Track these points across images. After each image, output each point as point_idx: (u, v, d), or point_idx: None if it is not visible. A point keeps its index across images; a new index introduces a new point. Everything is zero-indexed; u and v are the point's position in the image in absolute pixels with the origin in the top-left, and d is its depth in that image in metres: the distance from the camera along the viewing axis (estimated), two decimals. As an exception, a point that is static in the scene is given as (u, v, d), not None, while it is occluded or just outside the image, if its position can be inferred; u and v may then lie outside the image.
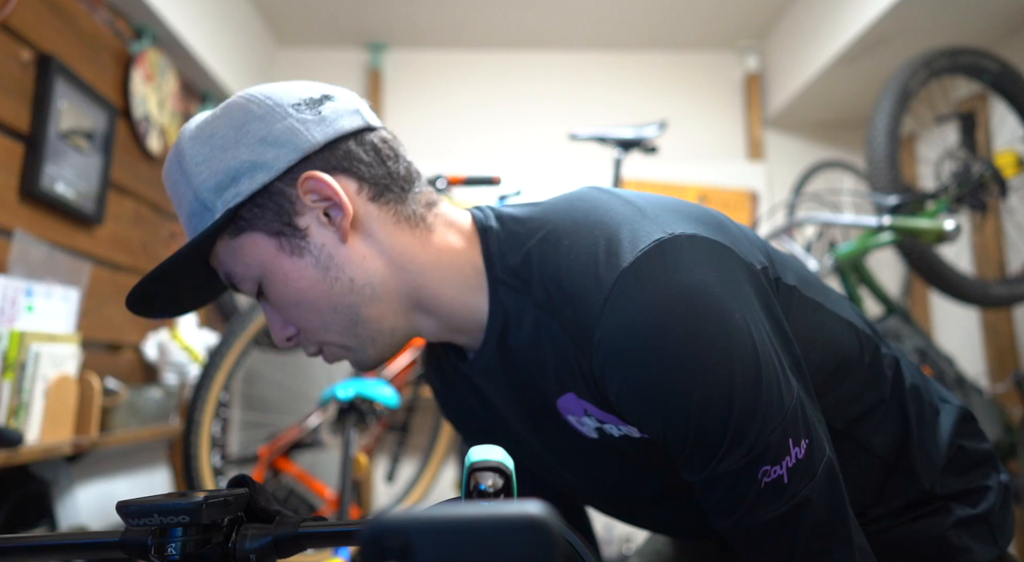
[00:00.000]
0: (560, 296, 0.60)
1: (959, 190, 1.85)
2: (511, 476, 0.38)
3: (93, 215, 1.87)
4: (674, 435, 0.56)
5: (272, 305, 0.67)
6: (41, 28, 1.69)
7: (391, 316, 0.67)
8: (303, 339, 0.69)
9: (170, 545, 0.37)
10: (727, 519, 0.58)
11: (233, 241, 0.64)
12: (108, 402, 1.71)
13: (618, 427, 0.63)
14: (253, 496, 0.42)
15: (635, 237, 0.57)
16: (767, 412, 0.55)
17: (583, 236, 0.60)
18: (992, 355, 2.46)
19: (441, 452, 2.34)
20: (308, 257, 0.64)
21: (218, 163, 0.62)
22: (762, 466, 0.55)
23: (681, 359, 0.54)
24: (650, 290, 0.54)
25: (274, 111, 0.63)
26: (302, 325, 0.67)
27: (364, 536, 0.23)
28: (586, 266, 0.58)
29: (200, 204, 0.63)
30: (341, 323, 0.66)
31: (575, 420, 0.66)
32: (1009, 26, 2.37)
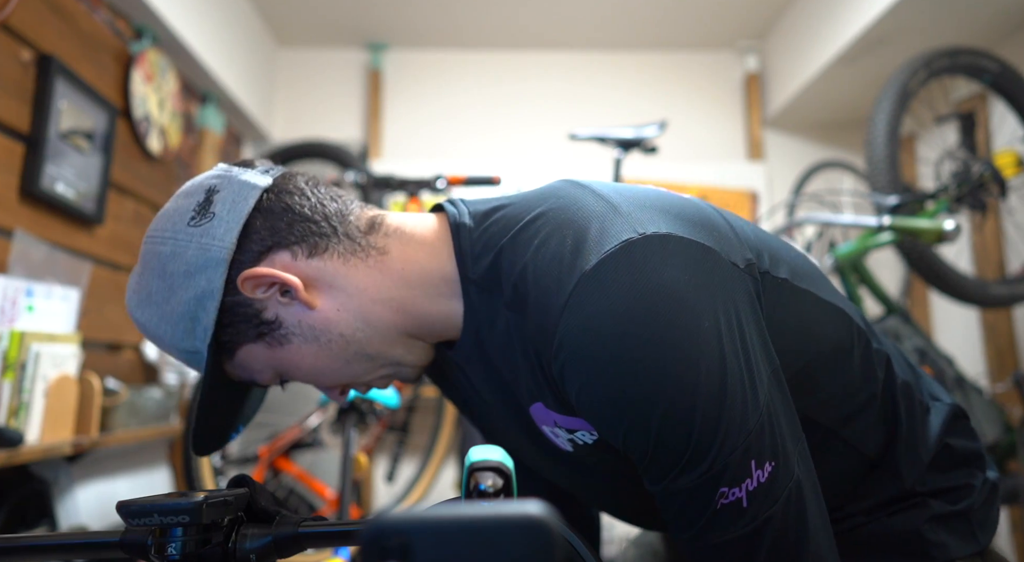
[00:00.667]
0: (526, 297, 0.58)
1: (959, 190, 1.85)
2: (511, 476, 0.38)
3: (93, 215, 1.87)
4: (634, 444, 0.54)
5: (297, 381, 0.70)
6: (41, 28, 1.69)
7: (396, 340, 0.68)
8: (349, 390, 0.72)
9: (170, 545, 0.37)
10: (683, 533, 0.57)
11: (233, 360, 0.66)
12: (108, 402, 1.71)
13: (590, 433, 0.62)
14: (253, 496, 0.42)
15: (602, 236, 0.55)
16: (728, 430, 0.52)
17: (552, 234, 0.58)
18: (992, 355, 2.46)
19: (441, 452, 2.34)
20: (295, 339, 0.65)
21: (170, 316, 0.63)
22: (720, 487, 0.53)
23: (643, 366, 0.51)
24: (612, 293, 0.52)
25: (177, 240, 0.62)
26: (337, 383, 0.69)
27: (364, 536, 0.24)
28: (551, 266, 0.56)
29: (187, 353, 0.65)
30: (363, 367, 0.68)
31: (549, 431, 0.66)
32: (1009, 26, 2.37)
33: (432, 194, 1.86)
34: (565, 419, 0.62)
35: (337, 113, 3.21)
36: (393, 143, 3.18)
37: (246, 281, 0.62)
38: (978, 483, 0.68)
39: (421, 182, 1.85)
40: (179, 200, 0.65)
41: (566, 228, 0.58)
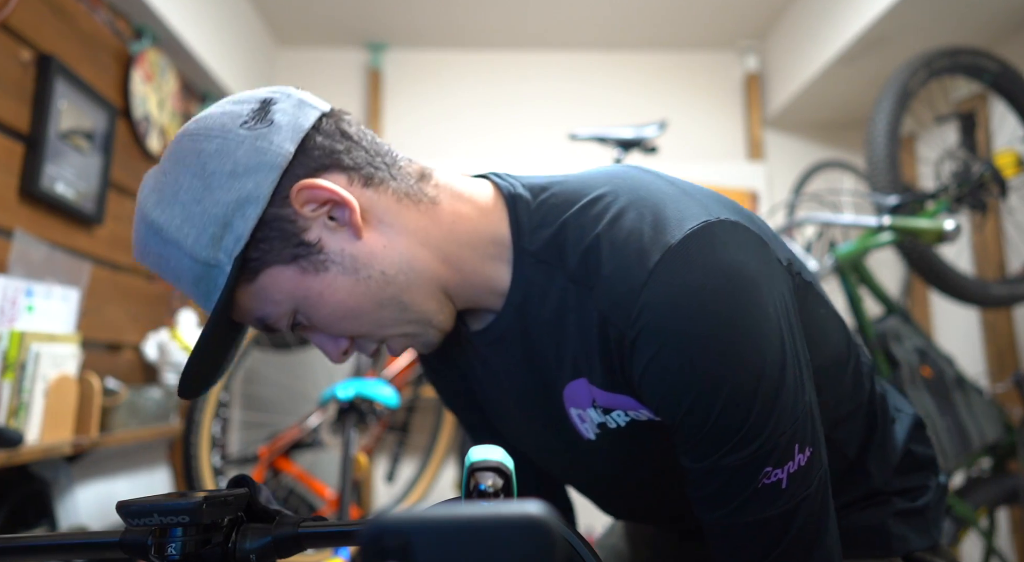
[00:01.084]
0: (599, 268, 0.58)
1: (959, 190, 1.85)
2: (511, 476, 0.38)
3: (93, 215, 1.87)
4: (692, 419, 0.55)
5: (316, 328, 0.64)
6: (41, 28, 1.69)
7: (432, 294, 0.64)
8: (361, 344, 0.66)
9: (170, 545, 0.37)
10: (714, 512, 0.58)
11: (253, 285, 0.60)
12: (108, 402, 1.71)
13: (626, 413, 0.62)
14: (253, 496, 0.42)
15: (682, 216, 0.57)
16: (782, 413, 0.55)
17: (627, 210, 0.59)
18: (992, 355, 2.46)
19: (441, 452, 2.34)
20: (333, 268, 0.60)
21: (199, 217, 0.57)
22: (765, 466, 0.55)
23: (719, 343, 0.54)
24: (697, 269, 0.54)
25: (227, 139, 0.58)
26: (356, 332, 0.64)
27: (364, 536, 0.23)
28: (630, 238, 0.57)
29: (202, 266, 0.58)
30: (392, 316, 0.63)
31: (577, 414, 0.65)
32: (1009, 26, 2.37)
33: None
34: (607, 396, 0.62)
35: (337, 113, 3.20)
36: (393, 143, 3.14)
37: (301, 191, 0.58)
38: (932, 484, 0.75)
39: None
40: (228, 105, 0.61)
41: (641, 205, 0.59)
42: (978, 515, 1.66)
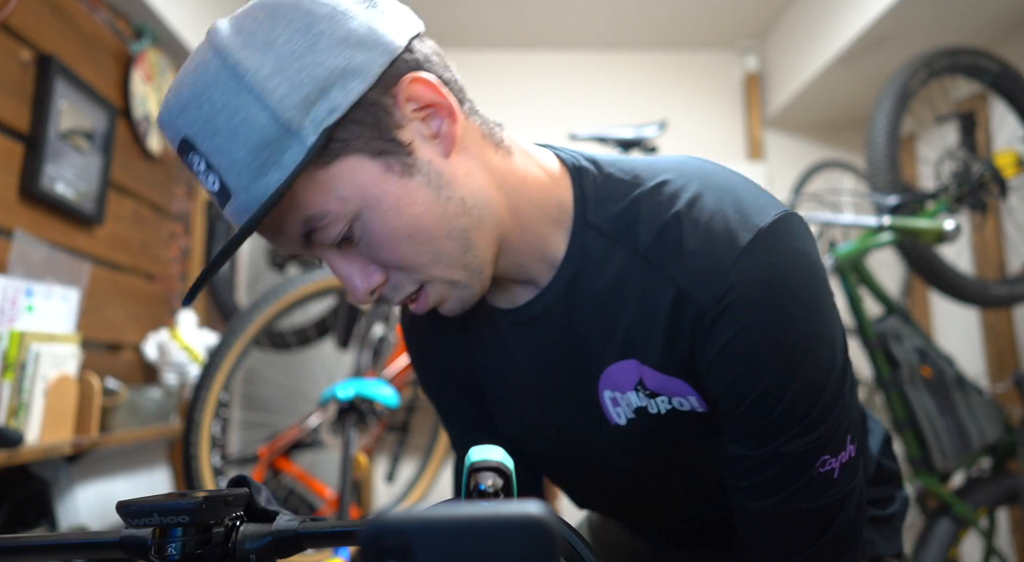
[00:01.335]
0: (679, 245, 0.56)
1: (959, 190, 1.85)
2: (511, 476, 0.39)
3: (93, 215, 1.87)
4: (763, 403, 0.55)
5: (368, 244, 0.56)
6: (41, 28, 1.69)
7: (493, 242, 0.60)
8: (395, 284, 0.59)
9: (170, 545, 0.37)
10: (763, 500, 0.59)
11: (325, 172, 0.52)
12: (108, 402, 1.71)
13: (670, 400, 0.61)
14: (253, 496, 0.42)
15: (762, 203, 0.57)
16: (844, 402, 0.57)
17: (704, 193, 0.58)
18: (992, 355, 2.46)
19: (441, 452, 2.34)
20: (419, 177, 0.55)
21: (294, 73, 0.50)
22: (823, 455, 0.57)
23: (803, 327, 0.55)
24: (787, 254, 0.55)
25: (338, 9, 0.52)
26: (407, 262, 0.57)
27: (364, 536, 0.23)
28: (715, 219, 0.56)
29: (280, 129, 0.50)
30: (453, 252, 0.57)
31: (611, 397, 0.64)
32: (1009, 26, 2.37)
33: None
34: (660, 378, 0.60)
35: (337, 113, 3.21)
36: (393, 143, 3.18)
37: (413, 84, 0.54)
38: (899, 496, 0.79)
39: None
40: None
41: (717, 189, 0.58)
42: (978, 515, 1.66)
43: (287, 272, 2.52)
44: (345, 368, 2.49)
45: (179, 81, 0.53)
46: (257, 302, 1.62)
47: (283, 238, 0.57)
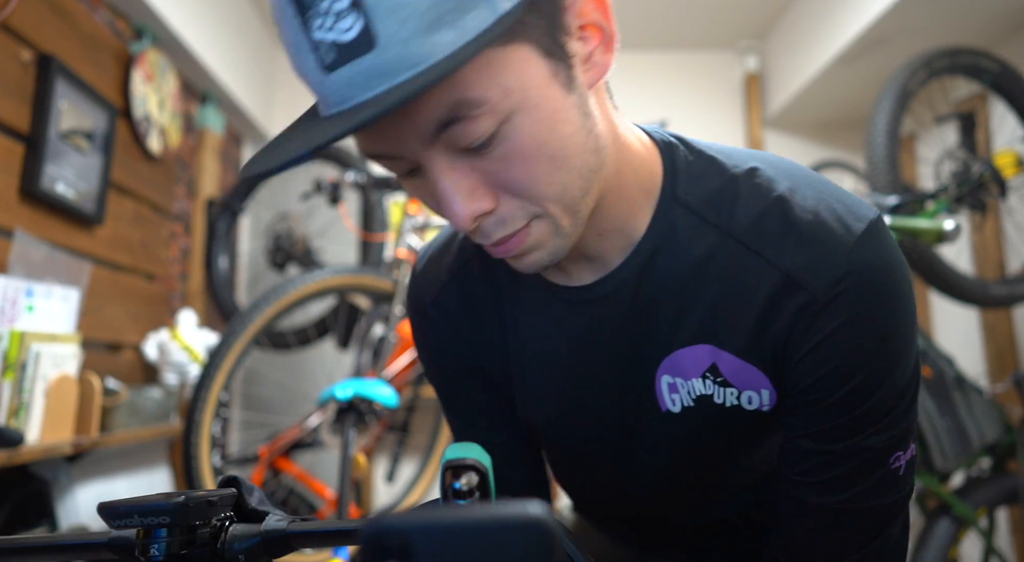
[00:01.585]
0: (787, 230, 0.55)
1: (959, 190, 1.85)
2: (487, 474, 0.38)
3: (93, 215, 1.88)
4: (856, 395, 0.55)
5: (504, 156, 0.48)
6: (41, 28, 1.70)
7: (597, 196, 0.55)
8: (505, 215, 0.51)
9: (153, 546, 0.37)
10: (831, 496, 0.58)
11: (499, 52, 0.45)
12: (108, 402, 1.71)
13: (740, 394, 0.60)
14: (243, 496, 0.42)
15: (859, 200, 0.57)
16: (916, 402, 0.58)
17: (801, 183, 0.57)
18: (992, 355, 2.45)
19: (441, 452, 2.34)
20: (575, 95, 0.49)
21: None
22: (897, 450, 0.57)
23: (903, 320, 0.55)
24: (892, 248, 0.55)
25: None
26: (537, 187, 0.50)
27: (365, 536, 0.24)
28: (822, 207, 0.55)
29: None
30: (576, 191, 0.52)
31: (670, 382, 0.61)
32: (1009, 26, 2.36)
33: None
34: (738, 365, 0.58)
35: (337, 113, 3.21)
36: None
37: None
38: None
39: (420, 182, 1.85)
40: None
41: (813, 179, 0.59)
42: (978, 515, 1.65)
43: (287, 272, 2.53)
44: (345, 368, 2.49)
45: None
46: (257, 302, 1.62)
47: (406, 127, 0.47)
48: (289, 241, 2.49)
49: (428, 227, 1.93)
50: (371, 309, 2.07)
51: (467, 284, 0.70)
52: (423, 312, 0.73)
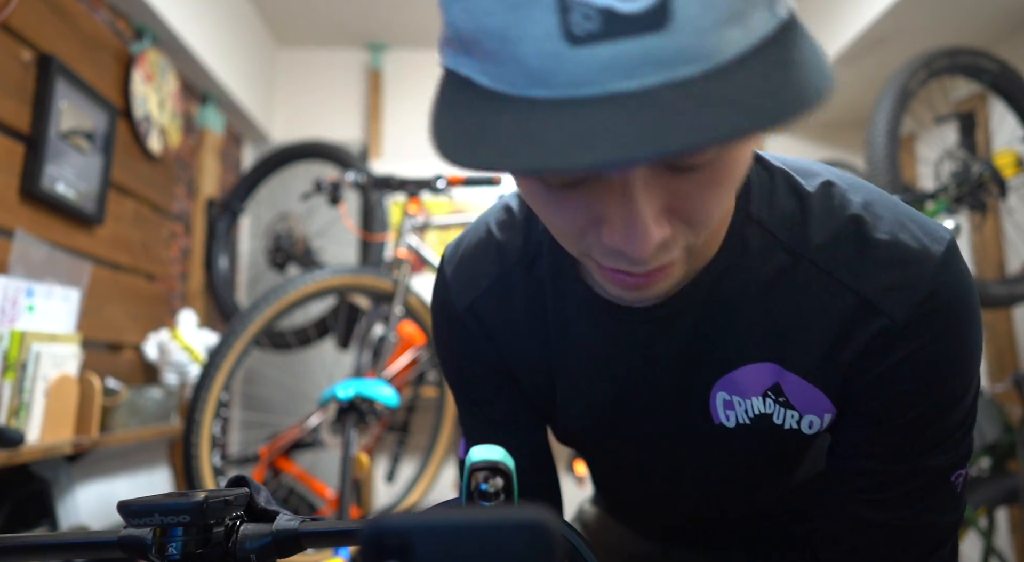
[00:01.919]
0: (860, 252, 0.53)
1: (958, 190, 1.85)
2: (512, 476, 0.38)
3: (93, 215, 1.87)
4: (928, 416, 0.54)
5: (707, 180, 0.43)
6: (42, 28, 1.70)
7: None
8: (669, 243, 0.45)
9: (171, 545, 0.37)
10: (892, 513, 0.58)
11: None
12: (108, 402, 1.71)
13: (801, 419, 0.59)
14: (252, 496, 0.42)
15: (929, 219, 0.56)
16: (975, 423, 0.58)
17: (875, 201, 0.55)
18: (992, 355, 2.46)
19: (441, 452, 2.34)
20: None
21: None
22: (958, 469, 0.57)
23: (977, 342, 0.55)
24: (967, 272, 0.54)
25: None
26: (710, 217, 0.45)
27: (365, 536, 0.24)
28: (899, 229, 0.53)
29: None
30: (723, 220, 0.53)
31: (725, 399, 0.60)
32: (1009, 26, 2.37)
33: (432, 194, 1.86)
34: (801, 386, 0.57)
35: (337, 113, 3.21)
36: (393, 143, 3.18)
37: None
38: None
39: (421, 182, 1.85)
40: None
41: (885, 198, 0.56)
42: (977, 515, 1.66)
43: (287, 272, 2.53)
44: (345, 368, 2.49)
45: None
46: (257, 302, 1.62)
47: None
48: (289, 241, 2.49)
49: (428, 227, 1.93)
50: (371, 309, 2.07)
51: (509, 293, 0.67)
52: (455, 317, 0.69)
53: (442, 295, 0.71)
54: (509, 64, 0.37)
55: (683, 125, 0.33)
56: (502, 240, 0.67)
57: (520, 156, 0.35)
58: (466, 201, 3.00)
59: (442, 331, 0.72)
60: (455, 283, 0.69)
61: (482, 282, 0.67)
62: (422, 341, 2.00)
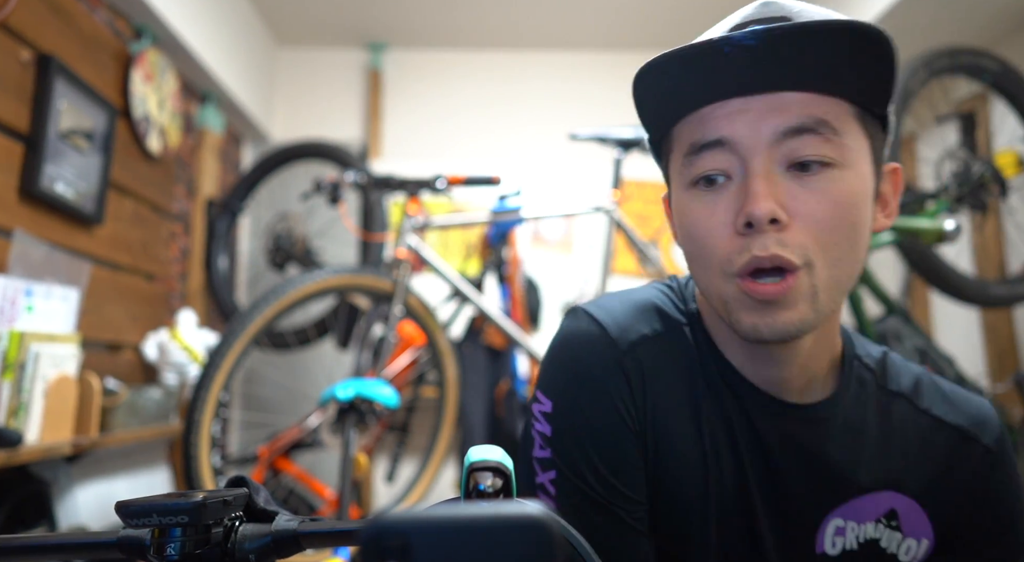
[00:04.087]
0: (937, 394, 0.66)
1: (959, 190, 1.85)
2: (511, 476, 0.38)
3: (93, 215, 1.87)
4: (1007, 540, 0.63)
5: (820, 188, 0.54)
6: (41, 28, 1.69)
7: (837, 315, 0.63)
8: (786, 239, 0.54)
9: (169, 545, 0.37)
10: None
11: (862, 121, 0.57)
12: (108, 402, 1.71)
13: (903, 540, 0.63)
14: (251, 496, 0.42)
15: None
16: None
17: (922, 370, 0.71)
18: (992, 355, 2.46)
19: (441, 452, 2.34)
20: (871, 208, 0.58)
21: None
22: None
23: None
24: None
25: None
26: (824, 234, 0.54)
27: (364, 536, 0.23)
28: (949, 384, 0.69)
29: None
30: (844, 272, 0.56)
31: (838, 526, 0.62)
32: (1009, 26, 2.37)
33: (432, 194, 1.86)
34: (914, 507, 0.63)
35: (337, 113, 3.21)
36: (393, 143, 3.18)
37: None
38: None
39: (421, 182, 1.85)
40: None
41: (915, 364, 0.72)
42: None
43: (287, 272, 2.52)
44: (345, 368, 2.49)
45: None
46: (257, 302, 1.62)
47: (770, 117, 0.54)
48: (289, 241, 2.48)
49: (428, 227, 1.93)
50: (371, 309, 2.07)
51: (672, 348, 0.66)
52: (614, 360, 0.64)
53: (596, 335, 0.65)
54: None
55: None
56: (660, 305, 0.68)
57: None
58: (466, 201, 3.00)
59: (589, 380, 0.64)
60: (614, 325, 0.66)
61: (645, 329, 0.66)
62: (422, 341, 2.00)
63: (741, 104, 0.55)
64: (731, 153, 0.56)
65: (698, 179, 0.57)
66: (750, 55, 0.52)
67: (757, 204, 0.53)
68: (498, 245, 2.23)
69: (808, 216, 0.54)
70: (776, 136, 0.54)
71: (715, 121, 0.56)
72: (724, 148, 0.56)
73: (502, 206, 1.93)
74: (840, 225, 0.54)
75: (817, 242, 0.54)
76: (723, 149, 0.56)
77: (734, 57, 0.52)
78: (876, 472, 0.62)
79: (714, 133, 0.56)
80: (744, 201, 0.54)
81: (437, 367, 1.92)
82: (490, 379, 2.23)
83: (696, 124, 0.58)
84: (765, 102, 0.54)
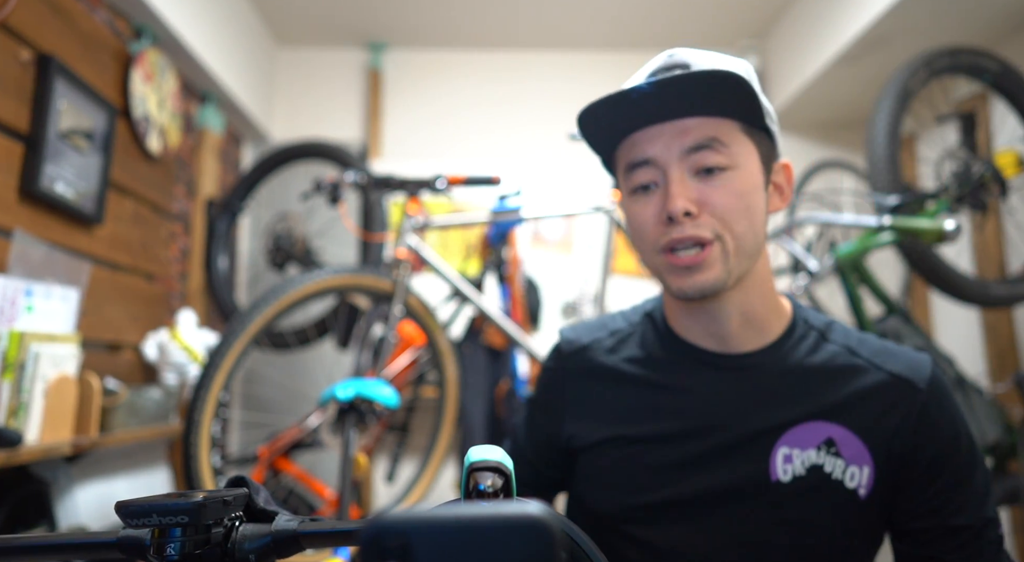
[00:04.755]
0: (878, 349, 0.80)
1: (959, 190, 1.85)
2: (511, 476, 0.38)
3: (93, 215, 1.87)
4: (958, 474, 0.74)
5: (720, 185, 0.74)
6: (41, 28, 1.69)
7: (750, 275, 0.79)
8: (699, 221, 0.75)
9: (169, 545, 0.37)
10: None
11: (748, 133, 0.77)
12: (108, 402, 1.71)
13: (846, 467, 0.74)
14: (251, 496, 0.42)
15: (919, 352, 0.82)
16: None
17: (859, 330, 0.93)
18: (992, 355, 2.46)
19: (441, 452, 2.34)
20: (763, 197, 0.79)
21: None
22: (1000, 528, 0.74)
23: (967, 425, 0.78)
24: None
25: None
26: (728, 215, 0.74)
27: (364, 536, 0.23)
28: (888, 342, 0.82)
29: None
30: (748, 243, 0.76)
31: (787, 453, 0.75)
32: (1009, 26, 2.37)
33: (432, 194, 1.86)
34: (851, 437, 0.75)
35: (337, 113, 3.21)
36: (393, 143, 3.18)
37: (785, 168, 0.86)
38: None
39: (421, 182, 1.85)
40: None
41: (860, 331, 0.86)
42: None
43: (287, 272, 2.52)
44: (345, 368, 2.49)
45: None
46: (257, 302, 1.62)
47: (676, 141, 0.75)
48: (289, 241, 2.48)
49: (428, 227, 1.93)
50: (371, 309, 2.07)
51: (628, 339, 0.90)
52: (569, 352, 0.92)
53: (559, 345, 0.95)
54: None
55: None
56: (620, 315, 0.95)
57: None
58: (466, 201, 3.00)
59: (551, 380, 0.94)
60: (573, 332, 0.94)
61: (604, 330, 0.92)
62: (422, 341, 2.00)
63: (657, 130, 0.76)
64: (655, 167, 0.77)
65: (636, 188, 0.79)
66: (654, 97, 0.73)
67: (673, 203, 0.74)
68: (498, 245, 2.23)
69: (714, 206, 0.74)
70: (683, 152, 0.75)
71: (640, 145, 0.77)
72: (649, 165, 0.77)
73: (502, 206, 1.93)
74: (738, 209, 0.74)
75: (723, 223, 0.74)
76: (649, 166, 0.77)
77: (641, 100, 0.73)
78: (810, 406, 0.76)
79: (641, 155, 0.77)
80: (666, 201, 0.75)
81: (437, 367, 1.92)
82: (490, 379, 2.23)
83: (628, 148, 0.79)
84: (674, 127, 0.75)
